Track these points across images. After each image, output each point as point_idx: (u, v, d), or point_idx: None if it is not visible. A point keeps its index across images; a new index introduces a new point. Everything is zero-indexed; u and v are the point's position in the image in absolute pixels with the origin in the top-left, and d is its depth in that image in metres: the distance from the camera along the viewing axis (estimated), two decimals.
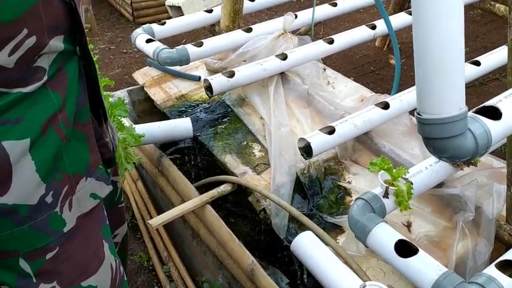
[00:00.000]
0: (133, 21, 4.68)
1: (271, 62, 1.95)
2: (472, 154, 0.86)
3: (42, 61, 0.74)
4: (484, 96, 2.86)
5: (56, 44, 0.75)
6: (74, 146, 0.82)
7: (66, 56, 0.79)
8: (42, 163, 0.76)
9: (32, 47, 0.71)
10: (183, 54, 1.97)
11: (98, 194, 0.90)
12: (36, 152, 0.75)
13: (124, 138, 1.54)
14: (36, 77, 0.74)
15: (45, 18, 0.71)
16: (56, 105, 0.77)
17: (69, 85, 0.79)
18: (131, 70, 3.77)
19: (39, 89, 0.74)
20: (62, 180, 0.81)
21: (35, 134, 0.74)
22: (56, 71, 0.77)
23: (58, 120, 0.78)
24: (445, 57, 0.77)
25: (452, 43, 0.76)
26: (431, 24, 0.75)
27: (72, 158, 0.82)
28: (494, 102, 0.93)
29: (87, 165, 0.86)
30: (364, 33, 2.17)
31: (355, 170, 1.69)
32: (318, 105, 1.89)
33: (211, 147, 1.81)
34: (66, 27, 0.76)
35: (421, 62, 0.80)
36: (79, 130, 0.83)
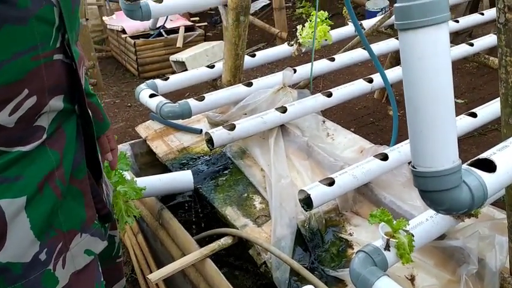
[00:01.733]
0: (138, 76, 4.82)
1: (271, 115, 1.99)
2: (469, 207, 0.87)
3: (42, 120, 0.76)
4: (484, 146, 2.88)
5: (56, 104, 0.78)
6: (69, 202, 0.83)
7: (65, 115, 0.81)
8: (37, 220, 0.77)
9: (32, 107, 0.73)
10: (185, 108, 2.02)
11: (93, 250, 0.90)
12: (31, 209, 0.76)
13: (125, 191, 1.55)
14: (36, 136, 0.76)
15: (46, 80, 0.74)
16: (53, 162, 0.79)
17: (67, 143, 0.82)
18: (135, 123, 3.84)
19: (38, 148, 0.76)
20: (56, 237, 0.81)
21: (32, 192, 0.76)
22: (54, 130, 0.79)
23: (55, 178, 0.79)
24: (436, 114, 0.79)
25: (442, 100, 0.79)
26: (420, 83, 0.78)
27: (67, 214, 0.83)
28: (489, 154, 0.95)
29: (83, 222, 0.87)
30: (361, 86, 2.23)
31: (356, 222, 1.68)
32: (318, 157, 1.91)
33: (212, 199, 1.82)
34: (66, 87, 0.79)
35: (412, 118, 0.82)
36: (75, 186, 0.85)
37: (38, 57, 0.71)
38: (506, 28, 1.10)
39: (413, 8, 0.76)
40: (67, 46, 0.77)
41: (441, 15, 0.76)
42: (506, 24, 1.10)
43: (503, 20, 1.10)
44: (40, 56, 0.71)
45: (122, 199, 1.54)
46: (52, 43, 0.73)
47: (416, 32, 0.77)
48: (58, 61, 0.76)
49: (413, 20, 0.77)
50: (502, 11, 1.10)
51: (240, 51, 2.29)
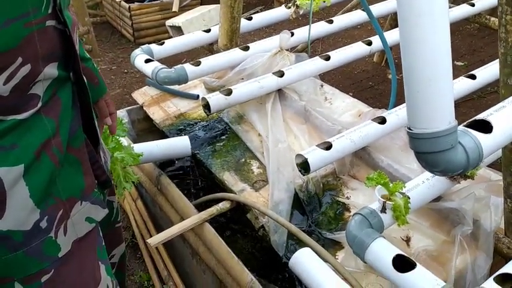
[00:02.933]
0: (134, 42, 4.73)
1: (268, 80, 1.97)
2: (464, 168, 0.87)
3: (37, 88, 0.75)
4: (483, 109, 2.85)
5: (51, 71, 0.76)
6: (67, 170, 0.83)
7: (60, 82, 0.80)
8: (36, 188, 0.77)
9: (27, 75, 0.72)
10: (181, 74, 2.00)
11: (94, 218, 0.90)
12: (29, 177, 0.76)
13: (122, 157, 1.55)
14: (31, 104, 0.75)
15: (40, 47, 0.72)
16: (49, 131, 0.78)
17: (62, 111, 0.81)
18: (132, 90, 3.80)
19: (33, 116, 0.75)
20: (56, 205, 0.82)
21: (29, 160, 0.75)
22: (50, 97, 0.78)
23: (52, 146, 0.79)
24: (433, 74, 0.78)
25: (439, 60, 0.77)
26: (417, 42, 0.77)
27: (65, 182, 0.83)
28: (485, 115, 0.94)
29: (82, 189, 0.87)
30: (360, 49, 2.19)
31: (353, 185, 1.69)
32: (316, 121, 1.90)
33: (210, 164, 1.82)
34: (60, 54, 0.78)
35: (409, 79, 0.81)
36: (73, 155, 0.84)
37: (30, 24, 0.69)
38: None
39: None
40: (59, 11, 0.75)
41: None
42: None
43: None
44: (32, 22, 0.69)
45: (120, 165, 1.54)
46: (44, 9, 0.71)
47: None
48: (51, 27, 0.74)
49: None
50: None
51: (236, 14, 2.25)
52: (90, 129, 0.94)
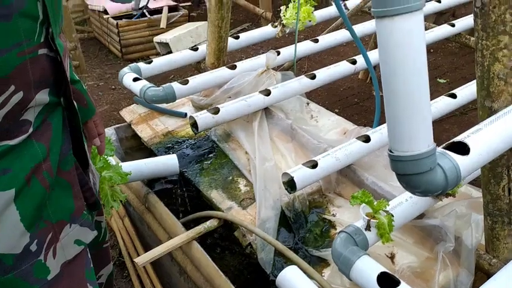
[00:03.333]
0: (121, 58, 4.76)
1: (255, 98, 2.00)
2: (443, 188, 0.90)
3: (29, 114, 0.77)
4: (465, 125, 2.94)
5: (42, 98, 0.78)
6: (57, 194, 0.84)
7: (51, 108, 0.82)
8: (27, 212, 0.78)
9: (19, 102, 0.74)
10: (169, 92, 2.02)
11: (83, 240, 0.91)
12: (20, 201, 0.77)
13: (110, 176, 1.56)
14: (23, 129, 0.76)
15: (32, 75, 0.74)
16: (40, 155, 0.79)
17: (53, 135, 0.82)
18: (120, 106, 3.82)
19: (24, 141, 0.77)
20: (46, 228, 0.83)
21: (20, 184, 0.76)
22: (41, 123, 0.80)
23: (42, 170, 0.80)
24: (411, 99, 0.82)
25: (417, 86, 0.81)
26: (396, 69, 0.80)
27: (55, 205, 0.84)
28: (463, 137, 0.98)
29: (71, 212, 0.88)
30: (345, 68, 2.24)
31: (339, 203, 1.72)
32: (302, 139, 1.93)
33: (198, 182, 1.84)
34: (51, 81, 0.80)
35: (389, 103, 0.85)
36: (63, 178, 0.86)
37: (23, 53, 0.71)
38: (482, 12, 1.12)
39: None
40: (51, 40, 0.77)
41: (415, 3, 0.78)
42: (482, 8, 1.12)
43: (479, 4, 1.12)
44: (25, 51, 0.71)
45: (107, 184, 1.55)
46: (37, 38, 0.73)
47: (392, 19, 0.79)
48: (43, 55, 0.76)
49: (388, 8, 0.78)
50: None
51: (224, 34, 2.29)
52: (80, 151, 0.95)
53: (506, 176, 1.18)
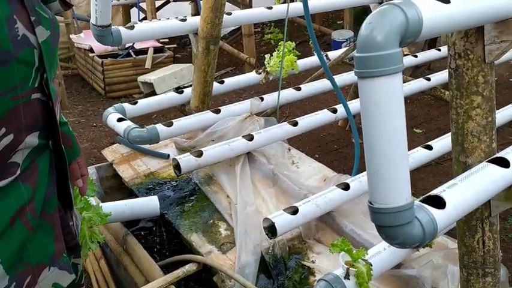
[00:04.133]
0: (104, 95, 4.77)
1: (238, 143, 2.04)
2: (420, 241, 0.93)
3: (17, 157, 0.78)
4: (440, 175, 3.02)
5: (31, 140, 0.79)
6: (39, 236, 0.84)
7: (39, 150, 0.83)
8: (7, 255, 0.77)
9: (9, 144, 0.74)
10: (153, 134, 2.04)
11: (61, 284, 0.90)
12: (2, 244, 0.76)
13: (90, 217, 1.55)
14: (10, 171, 0.77)
15: (24, 118, 0.75)
16: (25, 197, 0.80)
17: (39, 177, 0.83)
18: (100, 144, 3.80)
19: (11, 182, 0.77)
20: (25, 271, 0.82)
21: (3, 227, 0.76)
22: (28, 165, 0.80)
23: (26, 212, 0.80)
24: (390, 155, 0.86)
25: (396, 143, 0.86)
26: (376, 126, 0.85)
27: (36, 248, 0.83)
28: (439, 191, 1.02)
29: (51, 255, 0.87)
30: (326, 116, 2.31)
31: (318, 249, 1.73)
32: (283, 185, 1.96)
33: (178, 225, 1.83)
34: (42, 124, 0.81)
35: (369, 158, 0.89)
36: (45, 220, 0.86)
37: (17, 97, 0.73)
38: (456, 73, 1.20)
39: (370, 59, 0.83)
40: (45, 85, 0.79)
41: (395, 66, 0.83)
42: (456, 69, 1.20)
43: (454, 66, 1.20)
44: (19, 96, 0.73)
45: (86, 225, 1.53)
46: (31, 83, 0.75)
47: (373, 80, 0.84)
48: (36, 100, 0.78)
49: (370, 70, 0.83)
50: (453, 57, 1.19)
51: (209, 78, 2.35)
52: (65, 194, 0.96)
53: (481, 229, 1.22)
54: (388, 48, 0.83)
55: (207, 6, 2.12)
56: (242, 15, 2.57)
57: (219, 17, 2.14)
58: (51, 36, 0.79)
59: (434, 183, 3.14)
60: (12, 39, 0.70)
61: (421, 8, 0.86)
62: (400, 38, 0.85)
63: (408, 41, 0.87)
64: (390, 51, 0.83)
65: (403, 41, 0.86)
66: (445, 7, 0.92)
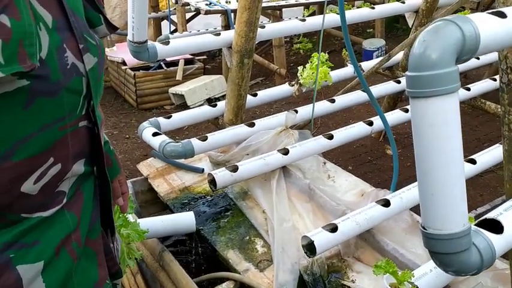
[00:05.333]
0: (136, 107, 4.84)
1: (273, 157, 2.01)
2: (478, 268, 0.88)
3: (64, 185, 0.76)
4: (481, 187, 2.91)
5: (78, 168, 0.78)
6: (83, 264, 0.83)
7: (85, 177, 0.82)
8: (53, 285, 0.76)
9: (56, 174, 0.73)
10: (188, 148, 2.04)
11: None
12: (47, 274, 0.75)
13: (128, 234, 1.55)
14: (57, 200, 0.76)
15: (71, 147, 0.74)
16: (71, 226, 0.79)
17: (84, 205, 0.82)
18: (133, 156, 3.85)
19: (56, 212, 0.77)
20: None
21: (49, 257, 0.75)
22: (74, 193, 0.79)
23: (71, 241, 0.79)
24: (446, 179, 0.81)
25: (452, 166, 0.81)
26: (430, 149, 0.81)
27: (81, 276, 0.82)
28: (495, 215, 0.97)
29: (95, 282, 0.86)
30: (361, 129, 2.26)
31: (358, 268, 1.68)
32: (320, 200, 1.92)
33: (214, 242, 1.81)
34: (87, 151, 0.80)
35: (423, 181, 0.84)
36: (89, 247, 0.84)
37: (65, 127, 0.72)
38: (509, 88, 1.14)
39: (424, 78, 0.79)
40: (91, 112, 0.78)
41: (452, 85, 0.79)
42: (509, 84, 1.14)
43: (506, 80, 1.14)
44: (67, 125, 0.72)
45: (124, 241, 1.54)
46: (79, 111, 0.74)
47: (427, 100, 0.80)
48: (83, 128, 0.77)
49: (424, 90, 0.79)
50: (505, 71, 1.14)
51: (243, 92, 2.33)
52: (107, 219, 0.95)
53: None
54: (444, 67, 0.79)
55: (241, 21, 2.11)
56: (276, 28, 2.55)
57: (253, 30, 2.13)
58: (97, 63, 0.78)
59: (475, 197, 3.03)
60: (62, 68, 0.69)
61: (477, 23, 0.82)
62: (457, 55, 0.80)
63: (465, 58, 0.83)
64: (446, 70, 0.79)
65: (460, 59, 0.82)
66: (502, 22, 0.87)
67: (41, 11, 0.67)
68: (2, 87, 0.62)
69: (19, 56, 0.62)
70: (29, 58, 0.62)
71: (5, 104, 0.63)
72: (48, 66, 0.67)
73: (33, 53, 0.63)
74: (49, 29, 0.68)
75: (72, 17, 0.72)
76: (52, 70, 0.67)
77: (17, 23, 0.61)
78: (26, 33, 0.62)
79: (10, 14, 0.61)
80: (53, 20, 0.69)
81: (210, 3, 4.45)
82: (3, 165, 0.66)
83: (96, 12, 0.82)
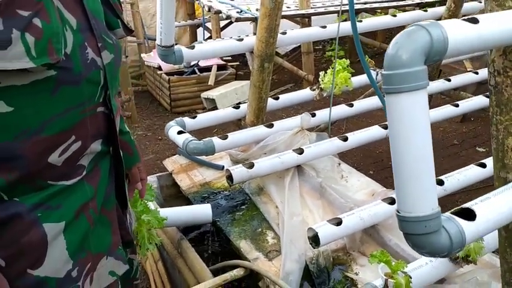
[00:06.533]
0: (170, 111, 5.06)
1: (288, 156, 2.13)
2: (448, 250, 0.96)
3: (83, 160, 0.92)
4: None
5: (95, 147, 0.94)
6: (99, 229, 0.98)
7: (101, 155, 0.97)
8: (72, 243, 0.91)
9: (77, 150, 0.89)
10: (209, 146, 2.18)
11: (116, 272, 1.03)
12: (68, 233, 0.90)
13: (148, 220, 1.70)
14: (78, 172, 0.92)
15: (90, 128, 0.90)
16: (88, 195, 0.94)
17: (101, 179, 0.97)
18: (164, 156, 4.03)
19: (77, 182, 0.92)
20: (86, 257, 0.95)
21: (69, 219, 0.90)
22: (92, 168, 0.95)
23: (89, 208, 0.94)
24: (415, 167, 0.91)
25: (421, 155, 0.91)
26: (401, 139, 0.91)
27: (96, 239, 0.97)
28: (471, 204, 1.05)
29: (109, 246, 1.00)
30: (377, 132, 2.34)
31: (362, 262, 1.76)
32: (330, 197, 2.01)
33: (228, 232, 1.94)
34: (104, 133, 0.96)
35: (396, 169, 0.94)
36: (105, 215, 0.99)
37: (84, 111, 0.88)
38: (496, 90, 1.22)
39: (395, 76, 0.89)
40: (108, 100, 0.93)
41: (420, 83, 0.89)
42: (496, 86, 1.21)
43: (493, 83, 1.22)
44: (86, 110, 0.88)
45: (145, 227, 1.68)
46: (97, 99, 0.90)
47: (398, 95, 0.90)
48: (100, 113, 0.93)
49: (395, 86, 0.90)
50: (492, 74, 1.21)
51: (264, 95, 2.46)
52: (121, 194, 1.10)
53: None
54: (413, 66, 0.89)
55: (262, 27, 2.25)
56: (296, 35, 2.67)
57: (273, 36, 2.26)
58: (114, 59, 0.93)
59: None
60: (83, 62, 0.85)
61: (446, 28, 0.92)
62: (425, 56, 0.90)
63: (434, 59, 0.92)
64: (414, 69, 0.89)
65: (429, 59, 0.92)
66: (474, 27, 0.96)
67: (67, 15, 0.83)
68: (34, 75, 0.78)
69: (48, 51, 0.77)
70: (56, 53, 0.78)
71: (36, 90, 0.79)
72: (72, 60, 0.82)
73: (59, 49, 0.78)
74: (73, 30, 0.83)
75: (93, 20, 0.88)
76: (75, 63, 0.83)
77: (47, 25, 0.77)
78: (54, 33, 0.78)
79: (42, 17, 0.76)
80: (77, 22, 0.84)
81: (240, 11, 4.61)
82: (34, 139, 0.82)
83: (114, 17, 0.98)
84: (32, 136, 0.81)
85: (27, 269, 0.87)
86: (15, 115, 0.79)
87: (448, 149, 3.76)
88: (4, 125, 0.79)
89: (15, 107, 0.78)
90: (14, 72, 0.76)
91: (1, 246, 0.84)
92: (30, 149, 0.82)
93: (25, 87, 0.78)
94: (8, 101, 0.78)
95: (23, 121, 0.80)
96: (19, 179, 0.84)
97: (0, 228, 0.84)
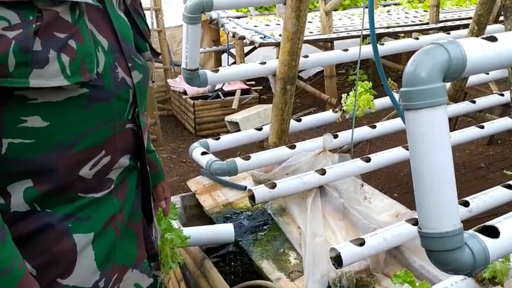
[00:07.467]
0: (194, 134, 5.15)
1: (311, 176, 2.14)
2: (471, 267, 0.95)
3: (112, 174, 0.96)
4: None
5: (124, 162, 0.98)
6: (125, 241, 1.01)
7: (129, 170, 1.01)
8: (100, 254, 0.94)
9: (107, 164, 0.93)
10: (232, 166, 2.22)
11: (141, 285, 1.06)
12: (96, 244, 0.94)
13: (172, 238, 1.72)
14: (106, 186, 0.95)
15: (119, 143, 0.94)
16: (116, 207, 0.97)
17: (128, 192, 1.01)
18: (188, 178, 4.08)
19: (106, 195, 0.96)
20: (113, 269, 0.98)
21: (98, 230, 0.94)
22: (120, 181, 0.99)
23: (116, 220, 0.97)
24: (436, 183, 0.92)
25: (441, 171, 0.91)
26: (421, 156, 0.92)
27: (123, 251, 1.00)
28: (495, 222, 1.04)
29: (134, 259, 1.03)
30: (399, 153, 2.33)
31: (386, 284, 1.74)
32: (353, 218, 2.01)
33: (251, 252, 1.95)
34: (132, 148, 1.00)
35: (417, 185, 0.95)
36: (131, 228, 1.02)
37: (114, 126, 0.92)
38: None
39: (414, 93, 0.91)
40: (136, 117, 0.98)
41: (438, 99, 0.90)
42: None
43: None
44: (116, 125, 0.92)
45: (169, 245, 1.71)
46: (126, 115, 0.95)
47: (417, 112, 0.92)
48: (129, 129, 0.97)
49: (414, 102, 0.91)
50: None
51: (286, 116, 2.49)
52: (147, 208, 1.13)
53: None
54: (431, 83, 0.91)
55: (284, 50, 2.30)
56: (318, 58, 2.71)
57: (296, 59, 2.31)
58: (143, 78, 0.98)
59: None
60: (114, 81, 0.89)
61: (464, 46, 0.93)
62: (443, 74, 0.92)
63: (453, 76, 0.94)
64: (433, 86, 0.91)
65: (448, 77, 0.93)
66: (492, 45, 0.98)
67: (99, 38, 0.88)
68: (68, 92, 0.83)
69: (81, 70, 0.82)
70: (89, 72, 0.83)
71: (70, 106, 0.84)
72: (103, 79, 0.87)
73: (92, 68, 0.84)
74: (105, 51, 0.88)
75: (123, 43, 0.93)
76: (106, 82, 0.88)
77: (81, 46, 0.82)
78: (87, 53, 0.83)
79: (76, 39, 0.82)
80: (108, 44, 0.90)
81: (264, 37, 4.71)
82: (68, 153, 0.86)
83: (143, 41, 1.03)
84: (66, 150, 0.86)
85: (57, 278, 0.90)
86: (50, 130, 0.84)
87: (475, 172, 3.69)
88: (40, 139, 0.84)
89: (50, 122, 0.83)
90: (50, 90, 0.81)
91: (33, 255, 0.88)
92: (63, 162, 0.87)
93: (59, 103, 0.83)
94: (44, 117, 0.83)
95: (57, 135, 0.85)
96: (52, 191, 0.88)
97: (33, 237, 0.88)
